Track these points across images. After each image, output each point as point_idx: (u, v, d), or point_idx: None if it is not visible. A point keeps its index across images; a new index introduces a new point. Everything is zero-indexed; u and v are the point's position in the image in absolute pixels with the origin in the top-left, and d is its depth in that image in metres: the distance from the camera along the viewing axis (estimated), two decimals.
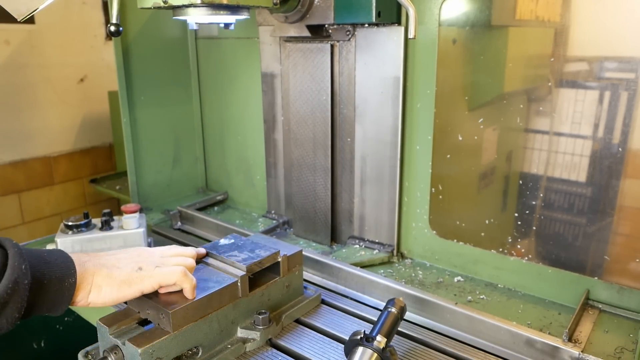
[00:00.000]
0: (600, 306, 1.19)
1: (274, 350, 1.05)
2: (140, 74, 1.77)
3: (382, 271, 1.41)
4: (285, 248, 1.18)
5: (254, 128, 1.80)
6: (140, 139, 1.82)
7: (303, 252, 1.40)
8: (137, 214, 1.44)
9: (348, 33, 1.40)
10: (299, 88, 1.53)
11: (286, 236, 1.69)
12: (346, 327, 1.13)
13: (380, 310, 1.21)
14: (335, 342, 1.08)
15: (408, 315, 1.19)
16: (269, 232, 1.68)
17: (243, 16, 1.19)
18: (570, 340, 1.04)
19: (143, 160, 1.85)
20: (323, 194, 1.56)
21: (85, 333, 1.24)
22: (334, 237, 1.60)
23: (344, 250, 1.51)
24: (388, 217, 1.48)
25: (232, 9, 1.15)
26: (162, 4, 1.10)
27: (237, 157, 1.93)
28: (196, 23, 1.18)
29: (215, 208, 1.95)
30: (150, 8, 1.14)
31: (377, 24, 1.34)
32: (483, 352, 1.05)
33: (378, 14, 1.25)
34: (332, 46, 1.44)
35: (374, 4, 1.24)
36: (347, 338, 1.03)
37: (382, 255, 1.47)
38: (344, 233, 1.59)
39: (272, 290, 1.13)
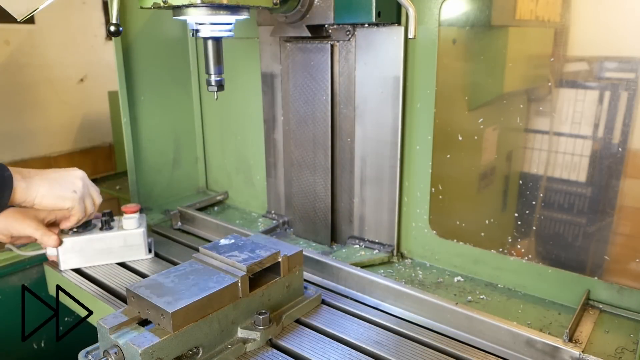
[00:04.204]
0: (600, 306, 1.18)
1: (275, 351, 1.05)
2: (140, 73, 1.77)
3: (382, 271, 1.41)
4: (286, 248, 1.17)
5: (254, 128, 1.80)
6: (141, 139, 1.82)
7: (303, 252, 1.41)
8: (137, 214, 1.44)
9: (348, 33, 1.40)
10: (299, 88, 1.53)
11: (286, 236, 1.69)
12: (347, 327, 1.13)
13: (381, 310, 1.22)
14: (336, 342, 1.08)
15: (408, 315, 1.19)
16: (269, 232, 1.68)
17: (243, 16, 1.19)
18: (570, 340, 1.04)
19: (143, 160, 1.84)
20: (323, 194, 1.56)
21: (86, 333, 1.24)
22: (334, 237, 1.60)
23: (344, 250, 1.51)
24: (388, 217, 1.48)
25: (232, 9, 1.15)
26: (162, 4, 1.10)
27: (237, 157, 1.92)
28: (196, 23, 1.17)
29: (216, 208, 1.95)
30: (150, 8, 1.14)
31: (377, 24, 1.34)
32: (483, 352, 1.05)
33: (378, 14, 1.25)
34: (332, 46, 1.43)
35: (374, 4, 1.23)
36: (348, 338, 1.02)
37: (382, 255, 1.47)
38: (344, 233, 1.59)
39: (273, 290, 1.13)
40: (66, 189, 1.25)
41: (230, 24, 1.21)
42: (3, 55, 2.23)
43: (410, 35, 1.12)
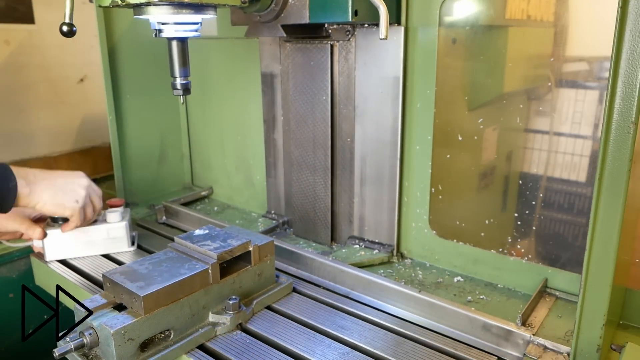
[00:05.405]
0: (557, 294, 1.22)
1: (243, 334, 1.10)
2: (125, 72, 1.80)
3: (381, 271, 1.41)
4: (257, 238, 1.22)
5: (253, 128, 1.80)
6: (126, 136, 1.86)
7: (302, 253, 1.41)
8: (120, 208, 1.48)
9: (348, 33, 1.39)
10: (299, 88, 1.53)
11: (286, 236, 1.69)
12: (316, 314, 1.18)
13: (350, 298, 1.21)
14: (304, 327, 1.12)
15: (408, 315, 1.19)
16: (268, 232, 1.68)
17: (209, 15, 1.14)
18: (523, 324, 1.09)
19: (129, 157, 1.89)
20: (323, 194, 1.56)
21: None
22: (334, 237, 1.60)
23: (343, 250, 1.51)
24: (388, 217, 1.48)
25: (195, 7, 1.10)
26: (120, 3, 1.06)
27: (237, 157, 1.92)
28: (158, 23, 1.12)
29: (215, 208, 1.95)
30: (108, 7, 1.10)
31: (376, 24, 1.34)
32: (483, 352, 1.06)
33: (355, 13, 1.19)
34: (331, 46, 1.43)
35: (350, 3, 1.17)
36: (316, 324, 1.06)
37: (382, 255, 1.47)
38: (344, 233, 1.59)
39: (244, 277, 1.17)
40: (69, 199, 1.29)
41: (196, 23, 1.15)
42: (3, 55, 2.22)
43: (381, 35, 1.05)
